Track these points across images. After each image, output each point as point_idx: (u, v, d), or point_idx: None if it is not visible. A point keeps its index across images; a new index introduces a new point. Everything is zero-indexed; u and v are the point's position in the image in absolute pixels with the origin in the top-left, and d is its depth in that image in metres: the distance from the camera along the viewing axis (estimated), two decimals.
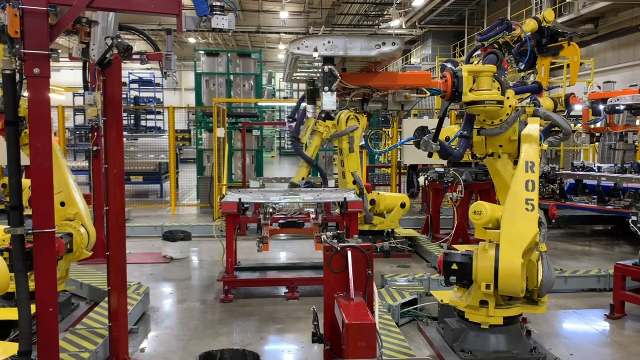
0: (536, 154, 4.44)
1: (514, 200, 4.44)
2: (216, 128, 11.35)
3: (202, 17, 3.62)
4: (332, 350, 4.02)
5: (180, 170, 15.64)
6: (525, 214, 4.34)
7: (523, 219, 4.35)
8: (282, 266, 7.47)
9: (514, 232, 4.34)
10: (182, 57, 33.47)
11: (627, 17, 18.55)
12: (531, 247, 4.31)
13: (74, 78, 29.09)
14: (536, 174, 4.39)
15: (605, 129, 10.28)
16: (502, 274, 4.25)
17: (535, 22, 7.69)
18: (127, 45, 3.93)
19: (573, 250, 9.11)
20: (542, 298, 4.52)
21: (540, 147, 4.54)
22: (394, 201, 8.59)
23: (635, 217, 5.87)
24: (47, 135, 3.21)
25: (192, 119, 25.45)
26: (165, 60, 4.30)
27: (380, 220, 8.57)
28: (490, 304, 4.47)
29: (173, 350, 4.97)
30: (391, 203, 8.59)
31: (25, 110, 3.41)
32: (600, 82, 13.72)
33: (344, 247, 4.03)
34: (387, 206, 8.57)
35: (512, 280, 4.23)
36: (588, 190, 9.96)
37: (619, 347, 5.13)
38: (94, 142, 7.89)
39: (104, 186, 4.22)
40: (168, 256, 8.29)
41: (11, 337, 4.47)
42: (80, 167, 15.57)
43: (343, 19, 27.41)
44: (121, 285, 4.25)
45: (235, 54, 14.42)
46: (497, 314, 4.49)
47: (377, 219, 8.54)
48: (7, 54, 3.15)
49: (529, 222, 4.30)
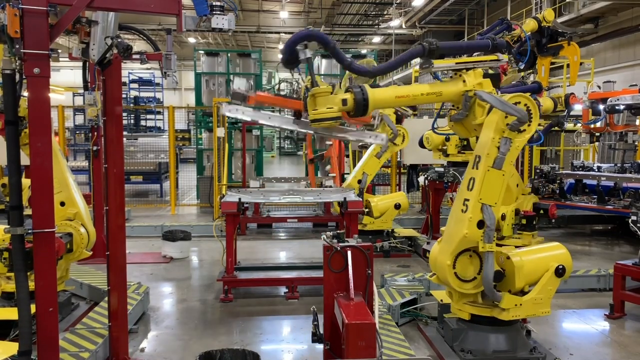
0: (489, 146, 4.25)
1: (457, 199, 4.50)
2: (216, 128, 11.35)
3: (202, 17, 3.62)
4: (332, 350, 4.02)
5: (180, 170, 15.64)
6: (458, 216, 4.39)
7: (455, 221, 4.42)
8: (282, 266, 7.47)
9: (447, 233, 4.49)
10: (182, 57, 33.47)
11: (627, 17, 18.56)
12: (466, 247, 4.36)
13: (74, 78, 29.08)
14: (480, 171, 4.28)
15: (605, 128, 10.28)
16: (437, 271, 4.56)
17: (535, 22, 7.69)
18: (127, 45, 3.94)
19: (573, 250, 9.05)
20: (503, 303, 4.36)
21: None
22: (386, 206, 8.59)
23: (635, 216, 5.87)
24: (47, 135, 3.21)
25: (192, 118, 25.48)
26: (165, 60, 4.31)
27: (370, 220, 8.56)
28: (453, 295, 4.63)
29: (173, 350, 4.97)
30: (384, 207, 8.59)
31: (25, 110, 3.41)
32: (600, 82, 13.71)
33: (344, 247, 4.03)
34: (380, 210, 8.59)
35: (444, 278, 4.45)
36: (588, 190, 9.95)
37: (618, 346, 5.13)
38: (94, 142, 7.88)
39: (104, 186, 4.22)
40: (168, 256, 8.29)
41: (11, 336, 4.47)
42: (80, 167, 15.56)
43: (343, 18, 27.43)
44: (121, 285, 4.26)
45: (235, 54, 14.43)
46: (464, 308, 4.59)
47: (367, 219, 8.53)
48: (7, 54, 3.16)
49: (459, 225, 4.34)
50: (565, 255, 4.66)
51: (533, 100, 4.29)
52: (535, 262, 4.58)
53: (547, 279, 4.46)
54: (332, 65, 14.29)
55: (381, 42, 32.39)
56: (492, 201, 4.28)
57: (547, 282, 4.48)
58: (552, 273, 4.48)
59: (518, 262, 4.47)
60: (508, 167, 4.30)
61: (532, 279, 4.51)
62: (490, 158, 4.23)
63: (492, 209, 4.28)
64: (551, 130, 9.00)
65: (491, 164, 4.23)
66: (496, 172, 4.25)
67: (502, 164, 4.22)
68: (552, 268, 4.49)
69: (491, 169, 4.24)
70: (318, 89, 4.05)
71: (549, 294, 4.51)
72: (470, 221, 4.27)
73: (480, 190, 4.27)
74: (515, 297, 4.43)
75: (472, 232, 4.28)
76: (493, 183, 4.27)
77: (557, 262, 4.52)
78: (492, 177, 4.26)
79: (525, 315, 4.49)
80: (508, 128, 4.18)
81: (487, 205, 4.27)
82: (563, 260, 4.57)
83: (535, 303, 4.47)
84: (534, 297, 4.46)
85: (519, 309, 4.45)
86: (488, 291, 4.37)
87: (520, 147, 4.32)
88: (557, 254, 4.67)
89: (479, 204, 4.27)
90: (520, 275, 4.46)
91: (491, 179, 4.26)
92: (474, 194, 4.28)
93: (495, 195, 4.29)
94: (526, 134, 4.27)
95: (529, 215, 7.27)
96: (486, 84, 4.34)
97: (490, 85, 4.35)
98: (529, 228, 7.29)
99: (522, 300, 4.43)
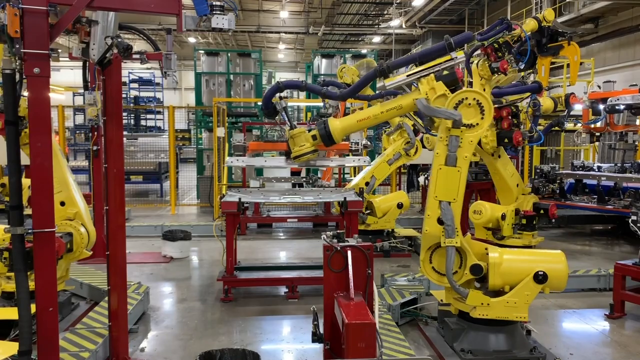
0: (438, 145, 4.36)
1: None
2: (216, 128, 11.35)
3: (202, 16, 3.62)
4: (332, 349, 4.02)
5: (180, 169, 15.65)
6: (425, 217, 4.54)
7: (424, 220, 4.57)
8: (282, 266, 7.47)
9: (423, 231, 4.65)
10: (182, 56, 33.49)
11: (627, 17, 18.55)
12: (432, 243, 4.55)
13: (74, 77, 29.08)
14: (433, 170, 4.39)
15: (606, 128, 10.28)
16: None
17: (535, 22, 7.67)
18: (127, 44, 3.93)
19: (573, 250, 9.11)
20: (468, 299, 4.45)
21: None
22: (389, 205, 8.60)
23: (635, 216, 5.87)
24: (47, 135, 3.21)
25: (192, 118, 25.45)
26: (165, 60, 4.29)
27: (374, 220, 8.57)
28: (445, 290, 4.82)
29: (173, 349, 4.97)
30: (386, 207, 8.60)
31: (25, 110, 3.41)
32: (600, 81, 13.69)
33: (344, 246, 4.03)
34: (383, 211, 8.60)
35: (425, 272, 4.70)
36: (588, 190, 9.95)
37: (618, 346, 5.13)
38: (94, 142, 7.88)
39: (104, 186, 4.22)
40: (168, 256, 8.29)
41: (11, 336, 4.47)
42: (80, 167, 15.57)
43: (343, 18, 27.41)
44: (121, 284, 4.25)
45: (235, 54, 14.42)
46: (454, 303, 4.74)
47: (370, 219, 8.54)
48: (7, 54, 3.15)
49: (425, 223, 4.52)
50: (557, 264, 4.47)
51: (483, 94, 4.31)
52: (518, 263, 4.48)
53: (525, 283, 4.40)
54: (332, 65, 14.29)
55: (381, 41, 32.37)
56: (449, 197, 4.36)
57: (523, 286, 4.40)
58: (531, 278, 4.38)
59: (495, 259, 4.46)
60: (463, 163, 4.31)
61: (513, 280, 4.46)
62: (441, 157, 4.33)
63: (452, 205, 4.34)
64: (551, 130, 9.00)
65: (443, 162, 4.33)
66: (449, 169, 4.32)
67: (455, 161, 4.30)
68: (533, 273, 4.38)
69: (443, 167, 4.33)
70: (294, 132, 4.71)
71: (525, 299, 4.41)
72: (429, 218, 4.43)
73: (436, 188, 4.37)
74: (483, 295, 4.46)
75: (432, 229, 4.45)
76: (447, 180, 4.35)
77: (542, 269, 4.38)
78: (445, 174, 4.34)
79: (495, 317, 4.47)
80: (452, 126, 4.25)
81: (444, 202, 4.36)
82: (552, 269, 4.40)
83: (507, 306, 4.42)
84: (506, 300, 4.43)
85: (486, 308, 4.45)
86: (451, 285, 4.51)
87: (475, 142, 4.34)
88: (548, 261, 4.49)
89: (436, 202, 4.39)
90: (496, 273, 4.45)
91: (445, 176, 4.35)
92: (430, 192, 4.42)
93: (452, 191, 4.35)
94: (478, 129, 4.31)
95: (529, 215, 7.26)
96: (439, 87, 4.40)
97: (443, 87, 4.39)
98: (529, 228, 7.29)
99: (490, 301, 4.44)
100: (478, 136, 4.31)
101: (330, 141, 4.63)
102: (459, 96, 4.27)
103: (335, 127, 4.61)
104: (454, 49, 4.41)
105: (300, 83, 5.32)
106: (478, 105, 4.26)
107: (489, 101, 4.29)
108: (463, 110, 4.28)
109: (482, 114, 4.27)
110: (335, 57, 14.55)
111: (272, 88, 4.86)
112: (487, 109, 4.27)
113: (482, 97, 4.28)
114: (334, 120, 4.65)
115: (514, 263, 4.50)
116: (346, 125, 4.66)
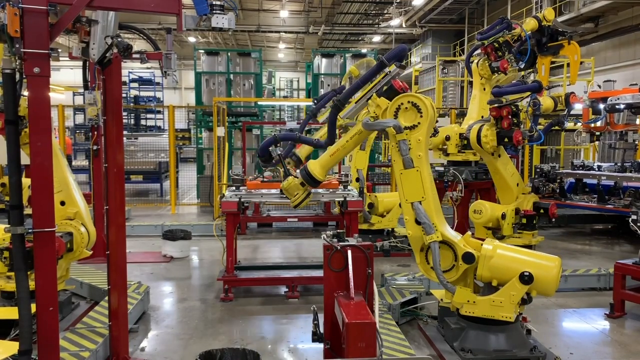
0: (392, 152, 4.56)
1: None
2: (216, 127, 11.35)
3: (202, 16, 3.62)
4: (332, 349, 4.02)
5: (181, 169, 15.64)
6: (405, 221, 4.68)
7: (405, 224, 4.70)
8: (282, 265, 7.47)
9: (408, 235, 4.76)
10: (182, 56, 33.49)
11: (628, 16, 18.55)
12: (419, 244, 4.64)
13: (74, 77, 29.10)
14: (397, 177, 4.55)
15: (606, 128, 10.26)
16: None
17: (536, 21, 7.68)
18: (127, 44, 3.93)
19: (573, 249, 9.11)
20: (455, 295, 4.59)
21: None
22: (392, 202, 8.60)
23: (635, 216, 5.87)
24: (47, 135, 3.21)
25: (192, 118, 25.47)
26: (165, 60, 4.30)
27: (378, 219, 8.57)
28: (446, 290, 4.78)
29: (173, 349, 4.97)
30: (389, 204, 8.59)
31: (26, 110, 3.41)
32: (601, 81, 13.68)
33: (344, 246, 4.03)
34: (386, 208, 8.59)
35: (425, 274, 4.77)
36: (588, 189, 9.95)
37: (619, 346, 5.13)
38: (94, 141, 7.88)
39: (104, 185, 4.22)
40: (168, 255, 8.29)
41: (11, 336, 4.47)
42: (81, 166, 15.56)
43: (343, 18, 27.43)
44: (121, 284, 4.26)
45: (236, 53, 14.41)
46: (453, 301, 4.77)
47: (375, 218, 8.54)
48: (7, 53, 3.15)
49: (407, 227, 4.65)
50: (547, 268, 4.39)
51: (416, 95, 4.46)
52: (509, 261, 4.45)
53: (511, 283, 4.39)
54: (332, 64, 14.28)
55: (381, 41, 32.39)
56: (418, 197, 4.51)
57: (510, 285, 4.38)
58: (517, 278, 4.35)
59: (487, 251, 4.50)
60: (419, 162, 4.45)
61: (502, 277, 4.46)
62: (398, 162, 4.51)
63: (423, 203, 4.50)
64: (551, 129, 9.00)
65: (402, 167, 4.49)
66: (408, 171, 4.48)
67: (411, 162, 4.44)
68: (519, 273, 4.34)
69: (403, 171, 4.49)
70: (284, 185, 5.05)
71: (511, 299, 4.38)
72: (408, 222, 4.60)
73: (404, 193, 4.54)
74: (470, 293, 4.58)
75: (414, 231, 4.60)
76: (411, 182, 4.51)
77: (531, 270, 4.32)
78: (407, 177, 4.50)
79: (482, 315, 4.52)
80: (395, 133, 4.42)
81: (415, 202, 4.51)
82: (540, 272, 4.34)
83: (493, 305, 4.44)
84: (492, 299, 4.46)
85: (472, 306, 4.54)
86: (439, 281, 4.58)
87: (423, 139, 4.46)
88: (539, 263, 4.44)
89: (408, 204, 4.55)
90: (485, 265, 4.47)
91: (407, 179, 4.51)
92: (400, 198, 4.59)
93: (418, 191, 4.51)
94: (421, 128, 4.43)
95: (529, 215, 7.27)
96: (382, 102, 4.54)
97: (385, 101, 4.53)
98: (529, 227, 7.30)
99: (476, 299, 4.54)
100: (424, 134, 4.44)
101: (315, 182, 4.90)
102: (395, 104, 4.46)
103: (315, 168, 4.88)
104: (388, 64, 4.58)
105: (295, 136, 6.10)
106: (414, 107, 4.42)
107: (422, 99, 4.43)
108: (404, 115, 4.44)
109: (420, 113, 4.42)
110: (335, 56, 14.54)
111: (269, 140, 5.28)
112: (423, 106, 4.41)
113: (415, 98, 4.43)
114: (312, 162, 4.95)
115: (504, 260, 4.46)
116: (323, 163, 4.92)
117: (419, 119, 4.42)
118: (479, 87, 7.93)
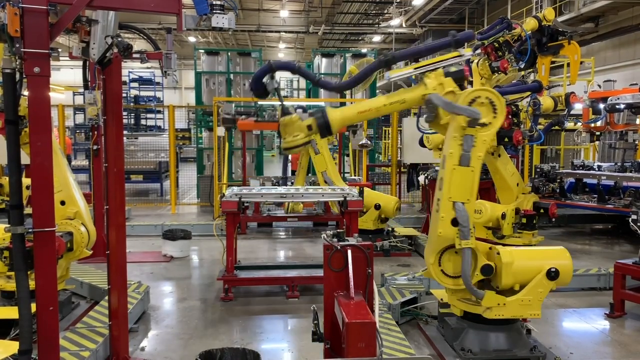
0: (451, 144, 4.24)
1: (434, 200, 4.53)
2: (216, 127, 11.35)
3: (202, 16, 3.62)
4: (332, 349, 4.02)
5: (181, 169, 15.63)
6: (434, 215, 4.46)
7: (433, 220, 4.50)
8: (282, 265, 7.47)
9: (429, 233, 4.56)
10: (182, 56, 33.48)
11: (628, 16, 18.54)
12: (444, 245, 4.41)
13: (74, 77, 29.12)
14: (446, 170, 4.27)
15: (606, 127, 10.26)
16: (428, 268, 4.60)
17: (536, 21, 7.68)
18: (127, 44, 3.93)
19: (573, 249, 9.08)
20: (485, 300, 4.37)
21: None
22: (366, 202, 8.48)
23: (635, 215, 5.86)
24: (47, 134, 3.20)
25: (193, 117, 25.47)
26: (165, 59, 4.31)
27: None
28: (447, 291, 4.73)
29: (173, 349, 4.97)
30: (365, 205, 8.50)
31: (26, 109, 3.41)
32: (601, 80, 13.69)
33: (344, 246, 4.02)
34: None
35: (432, 275, 4.54)
36: (588, 189, 9.94)
37: (619, 345, 5.13)
38: (94, 141, 7.88)
39: (104, 185, 4.22)
40: (168, 255, 8.29)
41: (11, 335, 4.48)
42: (81, 166, 15.56)
43: (343, 17, 27.42)
44: (121, 284, 4.26)
45: (236, 53, 14.41)
46: (457, 305, 4.67)
47: None
48: (7, 53, 3.15)
49: (435, 224, 4.43)
50: (564, 260, 4.52)
51: (495, 92, 4.24)
52: (529, 262, 4.49)
53: (538, 280, 4.40)
54: (332, 64, 14.29)
55: (381, 41, 32.38)
56: (463, 198, 4.28)
57: (537, 284, 4.40)
58: (543, 275, 4.39)
59: (507, 259, 4.44)
60: (477, 162, 4.23)
61: (524, 279, 4.46)
62: (454, 157, 4.23)
63: (466, 205, 4.27)
64: (551, 129, 9.00)
65: (456, 162, 4.23)
66: (463, 169, 4.23)
67: (469, 161, 4.21)
68: (545, 270, 4.41)
69: (457, 167, 4.23)
70: (285, 120, 4.30)
71: (539, 297, 4.42)
72: (443, 220, 4.32)
73: (450, 189, 4.29)
74: (498, 296, 4.42)
75: (446, 231, 4.33)
76: (462, 180, 4.25)
77: (552, 265, 4.42)
78: (460, 174, 4.24)
79: (511, 316, 4.45)
80: (467, 125, 4.15)
81: (458, 202, 4.27)
82: (560, 265, 4.44)
83: (522, 304, 4.41)
84: (520, 298, 4.42)
85: (502, 308, 4.41)
86: (468, 288, 4.41)
87: (488, 141, 4.28)
88: (555, 257, 4.56)
89: (450, 203, 4.29)
90: (508, 272, 4.43)
91: (459, 176, 4.24)
92: (444, 193, 4.31)
93: (466, 192, 4.28)
94: (491, 128, 4.23)
95: (529, 215, 7.27)
96: (447, 83, 4.28)
97: (452, 83, 4.27)
98: (529, 227, 7.30)
99: (506, 300, 4.41)
100: (491, 135, 4.24)
101: (327, 132, 4.38)
102: (472, 94, 4.19)
103: (335, 117, 4.33)
104: (462, 45, 4.34)
105: (294, 65, 4.79)
106: (490, 104, 4.21)
107: (502, 100, 4.23)
108: (478, 109, 4.19)
109: (495, 113, 4.22)
110: (335, 56, 14.55)
111: (263, 68, 4.50)
112: (500, 107, 4.22)
113: (495, 96, 4.23)
114: (333, 109, 4.40)
115: (524, 262, 4.47)
116: (346, 116, 4.43)
117: (491, 118, 4.20)
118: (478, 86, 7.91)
